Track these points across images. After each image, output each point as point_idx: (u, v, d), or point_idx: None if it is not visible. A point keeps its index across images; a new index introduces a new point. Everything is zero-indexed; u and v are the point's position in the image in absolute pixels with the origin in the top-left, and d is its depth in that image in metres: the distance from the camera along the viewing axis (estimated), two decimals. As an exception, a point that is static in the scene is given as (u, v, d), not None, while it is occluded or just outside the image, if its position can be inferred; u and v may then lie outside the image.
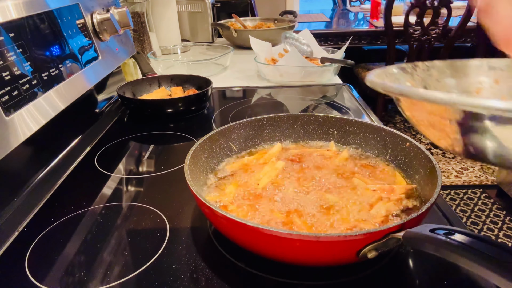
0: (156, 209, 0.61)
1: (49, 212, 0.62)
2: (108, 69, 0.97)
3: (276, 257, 0.47)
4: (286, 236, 0.41)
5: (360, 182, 0.57)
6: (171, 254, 0.51)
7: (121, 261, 0.51)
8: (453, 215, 0.58)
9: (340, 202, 0.53)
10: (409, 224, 0.42)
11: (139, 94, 1.06)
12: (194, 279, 0.47)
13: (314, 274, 0.48)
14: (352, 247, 0.42)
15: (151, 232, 0.56)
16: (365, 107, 1.02)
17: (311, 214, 0.51)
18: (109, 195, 0.66)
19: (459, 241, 0.34)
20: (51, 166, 0.74)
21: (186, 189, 0.50)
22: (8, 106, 0.56)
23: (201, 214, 0.58)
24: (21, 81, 0.60)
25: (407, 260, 0.50)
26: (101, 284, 0.47)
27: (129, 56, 1.12)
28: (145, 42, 1.45)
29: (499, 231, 2.00)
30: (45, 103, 0.65)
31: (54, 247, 0.54)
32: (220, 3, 2.02)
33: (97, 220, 0.60)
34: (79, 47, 0.82)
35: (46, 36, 0.70)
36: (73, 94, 0.75)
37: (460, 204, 2.22)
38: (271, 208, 0.52)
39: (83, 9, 0.86)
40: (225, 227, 0.47)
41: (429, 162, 0.53)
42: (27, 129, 0.59)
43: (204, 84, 1.04)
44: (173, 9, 1.64)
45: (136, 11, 1.40)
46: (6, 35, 0.59)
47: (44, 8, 0.71)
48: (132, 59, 1.25)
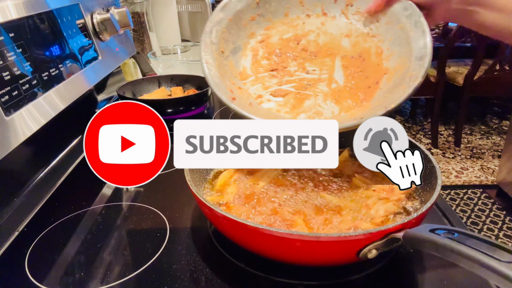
0: (156, 209, 0.61)
1: (49, 212, 0.62)
2: (108, 69, 0.97)
3: (276, 257, 0.47)
4: (286, 236, 0.41)
5: (360, 182, 0.57)
6: (171, 254, 0.51)
7: (121, 261, 0.51)
8: (453, 215, 0.58)
9: (340, 202, 0.53)
10: (409, 224, 0.42)
11: (139, 94, 1.06)
12: (194, 279, 0.47)
13: (314, 274, 0.48)
14: (352, 247, 0.42)
15: (151, 232, 0.56)
16: (365, 107, 1.02)
17: (311, 214, 0.51)
18: (109, 195, 0.66)
19: (459, 241, 0.34)
20: (51, 166, 0.74)
21: (186, 189, 0.50)
22: (8, 106, 0.56)
23: (201, 214, 0.58)
24: (21, 81, 0.60)
25: (407, 260, 0.50)
26: (101, 284, 0.47)
27: (129, 56, 1.12)
28: (145, 42, 1.45)
29: (499, 231, 2.00)
30: (45, 103, 0.65)
31: (54, 247, 0.54)
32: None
33: (97, 220, 0.60)
34: (79, 47, 0.82)
35: (46, 36, 0.70)
36: (73, 94, 0.75)
37: (460, 204, 2.22)
38: (271, 208, 0.52)
39: (83, 9, 0.86)
40: (225, 227, 0.47)
41: (429, 162, 0.53)
42: (27, 129, 0.59)
43: (204, 84, 1.04)
44: (173, 9, 1.64)
45: (136, 11, 1.40)
46: (6, 35, 0.59)
47: (44, 8, 0.71)
48: (132, 59, 1.25)
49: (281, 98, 0.60)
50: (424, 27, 0.54)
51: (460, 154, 2.71)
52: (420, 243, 0.38)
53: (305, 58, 0.63)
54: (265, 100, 0.60)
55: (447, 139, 2.90)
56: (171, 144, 0.51)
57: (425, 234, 0.37)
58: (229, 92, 0.57)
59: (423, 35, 0.54)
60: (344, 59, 0.62)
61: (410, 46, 0.55)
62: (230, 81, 0.60)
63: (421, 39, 0.54)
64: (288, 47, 0.64)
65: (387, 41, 0.60)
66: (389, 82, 0.57)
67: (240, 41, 0.64)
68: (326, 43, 0.63)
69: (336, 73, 0.61)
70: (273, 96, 0.60)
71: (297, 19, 0.65)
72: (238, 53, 0.64)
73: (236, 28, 0.63)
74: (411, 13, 0.56)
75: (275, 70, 0.62)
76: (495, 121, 3.18)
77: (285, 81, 0.61)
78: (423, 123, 3.17)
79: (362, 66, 0.60)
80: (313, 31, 0.64)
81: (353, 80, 0.60)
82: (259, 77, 0.62)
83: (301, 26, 0.65)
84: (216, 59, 0.60)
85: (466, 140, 2.89)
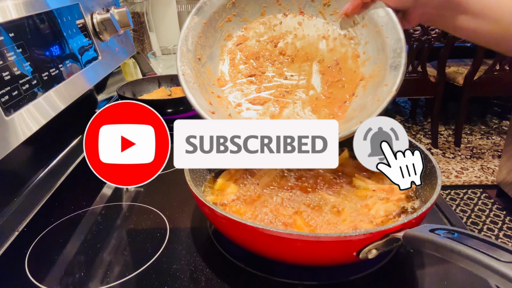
0: (156, 209, 0.61)
1: (49, 212, 0.62)
2: (108, 69, 0.97)
3: (276, 257, 0.47)
4: (286, 236, 0.41)
5: (360, 182, 0.57)
6: (171, 254, 0.51)
7: (121, 261, 0.51)
8: (453, 215, 0.58)
9: (340, 202, 0.53)
10: (409, 224, 0.42)
11: (139, 94, 1.06)
12: (194, 279, 0.47)
13: (314, 274, 0.48)
14: (352, 247, 0.42)
15: (151, 232, 0.56)
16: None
17: (311, 214, 0.51)
18: (109, 195, 0.66)
19: (459, 241, 0.34)
20: (51, 166, 0.74)
21: (186, 189, 0.50)
22: (8, 106, 0.56)
23: (201, 214, 0.58)
24: (21, 81, 0.60)
25: (407, 260, 0.50)
26: (101, 284, 0.47)
27: (129, 56, 1.12)
28: (145, 42, 1.45)
29: (499, 231, 2.00)
30: (45, 103, 0.65)
31: (54, 247, 0.54)
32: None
33: (97, 220, 0.60)
34: (79, 47, 0.82)
35: (46, 36, 0.70)
36: (73, 94, 0.75)
37: (460, 204, 2.22)
38: (271, 208, 0.52)
39: (83, 9, 0.86)
40: (225, 227, 0.47)
41: (429, 162, 0.53)
42: (27, 129, 0.59)
43: (204, 84, 1.04)
44: (173, 9, 1.64)
45: (136, 11, 1.40)
46: (6, 35, 0.59)
47: (44, 8, 0.71)
48: (132, 59, 1.25)
49: (260, 107, 0.60)
50: (399, 34, 0.54)
51: (460, 154, 2.71)
52: (420, 243, 0.38)
53: (282, 63, 0.63)
54: (244, 109, 0.60)
55: (447, 139, 2.90)
56: (171, 144, 0.51)
57: (425, 234, 0.37)
58: (208, 105, 0.57)
59: (399, 42, 0.54)
60: (321, 65, 0.62)
61: (385, 52, 0.55)
62: (209, 89, 0.60)
63: (396, 46, 0.54)
64: (265, 49, 0.64)
65: (364, 45, 0.59)
66: (365, 90, 0.57)
67: (217, 44, 0.64)
68: (304, 47, 0.63)
69: (313, 79, 0.61)
70: (252, 104, 0.61)
71: (274, 18, 0.65)
72: (215, 58, 0.63)
73: (212, 31, 0.63)
74: (388, 20, 0.55)
75: (253, 75, 0.62)
76: (495, 121, 3.18)
77: (264, 88, 0.61)
78: (423, 123, 3.17)
79: (339, 75, 0.60)
80: (290, 32, 0.64)
81: (329, 88, 0.60)
82: (238, 83, 0.62)
83: (278, 27, 0.65)
84: (193, 68, 0.59)
85: (466, 140, 2.89)
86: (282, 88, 0.61)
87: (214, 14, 0.62)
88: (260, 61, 0.63)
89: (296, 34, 0.64)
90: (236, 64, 0.63)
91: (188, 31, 0.60)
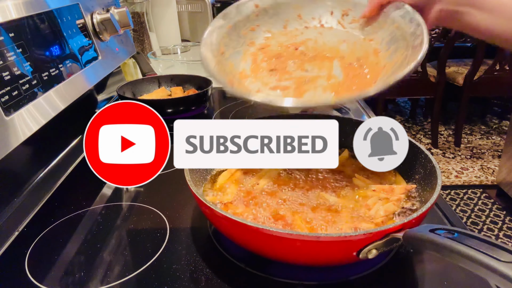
0: (156, 209, 0.61)
1: (49, 212, 0.62)
2: (108, 69, 0.97)
3: (276, 257, 0.47)
4: (286, 236, 0.41)
5: (360, 182, 0.57)
6: (171, 254, 0.51)
7: (121, 261, 0.51)
8: (453, 215, 0.58)
9: (340, 202, 0.53)
10: (409, 224, 0.42)
11: (139, 94, 1.06)
12: (194, 279, 0.47)
13: (314, 274, 0.48)
14: (352, 247, 0.42)
15: (151, 232, 0.56)
16: (365, 107, 1.02)
17: (311, 214, 0.51)
18: (109, 195, 0.66)
19: (459, 241, 0.34)
20: (51, 166, 0.74)
21: (186, 189, 0.50)
22: (8, 106, 0.56)
23: (201, 214, 0.58)
24: (21, 81, 0.60)
25: (407, 260, 0.50)
26: (101, 284, 0.47)
27: (129, 56, 1.12)
28: (145, 42, 1.45)
29: (499, 231, 2.00)
30: (45, 103, 0.65)
31: (54, 247, 0.54)
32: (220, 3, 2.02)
33: (97, 220, 0.60)
34: (79, 47, 0.82)
35: (46, 36, 0.70)
36: (73, 94, 0.75)
37: (460, 204, 2.22)
38: (272, 208, 0.52)
39: (83, 9, 0.86)
40: (225, 227, 0.47)
41: (429, 162, 0.53)
42: (27, 129, 0.59)
43: (204, 84, 1.04)
44: (173, 9, 1.64)
45: (136, 11, 1.40)
46: (6, 35, 0.59)
47: (44, 8, 0.71)
48: (132, 59, 1.25)
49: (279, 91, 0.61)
50: (419, 20, 0.55)
51: (460, 154, 2.71)
52: (420, 243, 0.38)
53: (303, 60, 0.63)
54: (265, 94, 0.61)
55: (447, 139, 2.90)
56: (171, 144, 0.51)
57: (425, 234, 0.37)
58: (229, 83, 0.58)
59: (418, 27, 0.54)
60: (342, 62, 0.62)
61: (406, 40, 0.56)
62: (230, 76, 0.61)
63: (416, 30, 0.55)
64: (287, 51, 0.65)
65: (384, 42, 0.60)
66: (389, 69, 0.58)
67: (240, 47, 0.65)
68: (325, 48, 0.64)
69: (334, 71, 0.62)
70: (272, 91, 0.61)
71: (296, 31, 0.67)
72: (238, 58, 0.65)
73: (236, 36, 0.64)
74: (405, 13, 0.57)
75: (275, 70, 0.63)
76: (495, 121, 3.18)
77: (285, 79, 0.62)
78: (423, 123, 3.17)
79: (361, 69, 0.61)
80: (311, 39, 0.66)
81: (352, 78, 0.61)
82: (259, 76, 0.63)
83: (300, 36, 0.66)
84: (215, 57, 0.61)
85: (466, 140, 2.89)
86: (303, 79, 0.62)
87: (238, 22, 0.64)
88: (282, 59, 0.64)
89: (317, 41, 0.65)
90: (258, 63, 0.65)
91: (214, 29, 0.62)
